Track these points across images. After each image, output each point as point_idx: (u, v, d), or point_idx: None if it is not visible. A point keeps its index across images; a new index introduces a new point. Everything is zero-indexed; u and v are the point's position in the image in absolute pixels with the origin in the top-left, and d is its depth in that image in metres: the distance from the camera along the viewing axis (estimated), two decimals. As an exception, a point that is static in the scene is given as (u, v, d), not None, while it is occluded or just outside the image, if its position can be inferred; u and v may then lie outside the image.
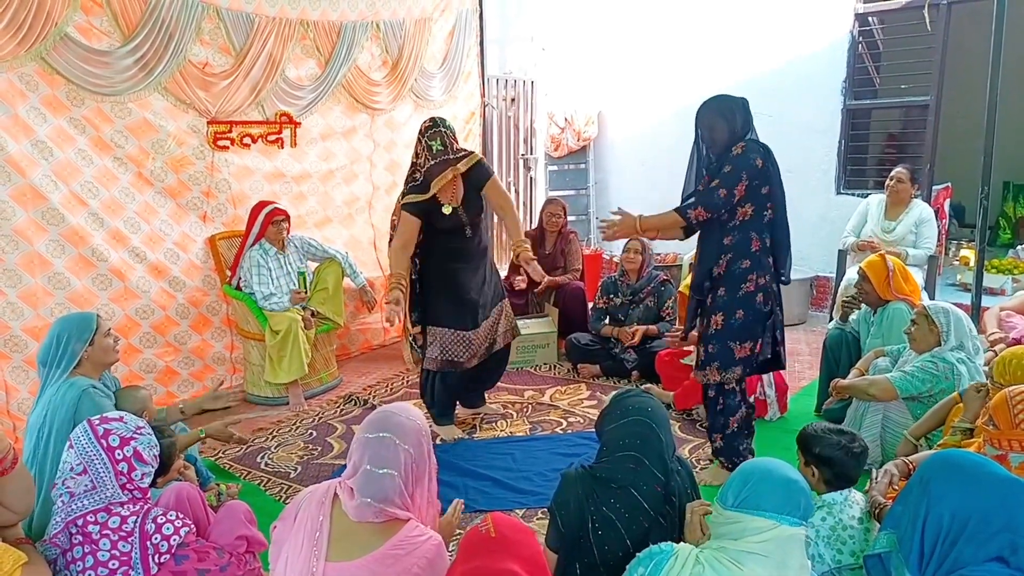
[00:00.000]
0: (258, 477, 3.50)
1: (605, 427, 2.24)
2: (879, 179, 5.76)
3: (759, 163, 2.98)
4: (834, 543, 2.24)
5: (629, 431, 2.15)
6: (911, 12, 5.69)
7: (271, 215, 4.43)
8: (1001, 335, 4.01)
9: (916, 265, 4.75)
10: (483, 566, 1.59)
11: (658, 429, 2.16)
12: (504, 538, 1.65)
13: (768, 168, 3.02)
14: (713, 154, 3.08)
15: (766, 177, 3.01)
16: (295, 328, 4.29)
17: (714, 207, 2.97)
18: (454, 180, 3.57)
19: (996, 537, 1.69)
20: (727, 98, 3.11)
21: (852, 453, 2.36)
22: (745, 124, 3.07)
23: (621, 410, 2.22)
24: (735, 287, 3.03)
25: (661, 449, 2.13)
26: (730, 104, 3.08)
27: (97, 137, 3.93)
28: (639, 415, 2.17)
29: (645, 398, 2.26)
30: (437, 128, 3.56)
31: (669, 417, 2.33)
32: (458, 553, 1.71)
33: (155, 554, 2.03)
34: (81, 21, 3.75)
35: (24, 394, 3.67)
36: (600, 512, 2.08)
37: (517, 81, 7.06)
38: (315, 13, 4.79)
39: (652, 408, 2.21)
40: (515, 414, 4.21)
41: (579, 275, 5.42)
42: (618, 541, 2.06)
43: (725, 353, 3.08)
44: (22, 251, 3.69)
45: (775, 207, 3.06)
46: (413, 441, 1.93)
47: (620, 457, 2.12)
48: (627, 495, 2.08)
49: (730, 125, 3.05)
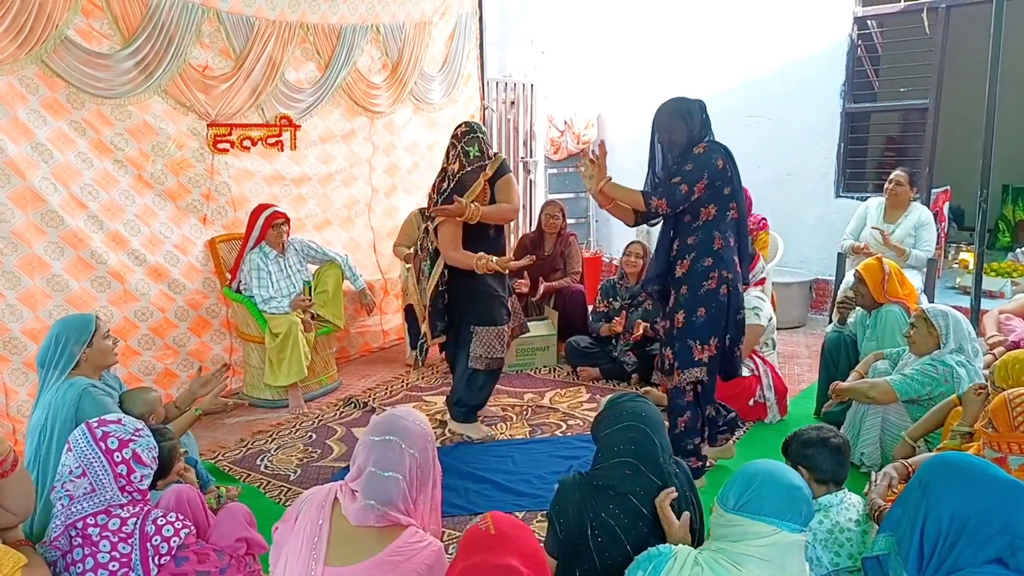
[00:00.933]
0: (258, 479, 3.50)
1: (600, 433, 2.24)
2: (878, 182, 5.78)
3: (720, 163, 3.02)
4: (831, 545, 2.24)
5: (624, 437, 2.15)
6: (910, 15, 5.70)
7: (271, 218, 4.43)
8: (1000, 338, 4.03)
9: (915, 268, 4.76)
10: (483, 562, 1.59)
11: (652, 434, 2.16)
12: (504, 535, 1.65)
13: (729, 169, 3.05)
14: (671, 156, 3.11)
15: (727, 178, 3.05)
16: (295, 331, 4.29)
17: (674, 203, 3.02)
18: (484, 186, 3.60)
19: (995, 539, 1.69)
20: (684, 100, 3.13)
21: (829, 444, 2.36)
22: (704, 125, 3.10)
23: (615, 416, 2.22)
24: (697, 285, 3.08)
25: (656, 453, 2.14)
26: (688, 106, 3.10)
27: (97, 140, 3.93)
28: (633, 420, 2.17)
29: (639, 402, 2.26)
30: (475, 134, 3.62)
31: (664, 420, 2.33)
32: (458, 551, 1.71)
33: (155, 556, 2.03)
34: (81, 24, 3.76)
35: (23, 396, 3.67)
36: (599, 519, 2.08)
37: (517, 84, 7.07)
38: (315, 16, 4.80)
39: (646, 413, 2.21)
40: (515, 417, 4.21)
41: (579, 278, 5.43)
42: (618, 547, 2.06)
43: (685, 353, 3.11)
44: (21, 253, 3.69)
45: (738, 207, 3.11)
46: (419, 446, 1.93)
47: (616, 463, 2.13)
48: (625, 501, 2.08)
49: (688, 127, 3.07)
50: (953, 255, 6.56)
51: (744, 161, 6.55)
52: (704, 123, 3.10)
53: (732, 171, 3.07)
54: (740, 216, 3.15)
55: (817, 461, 2.35)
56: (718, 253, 3.07)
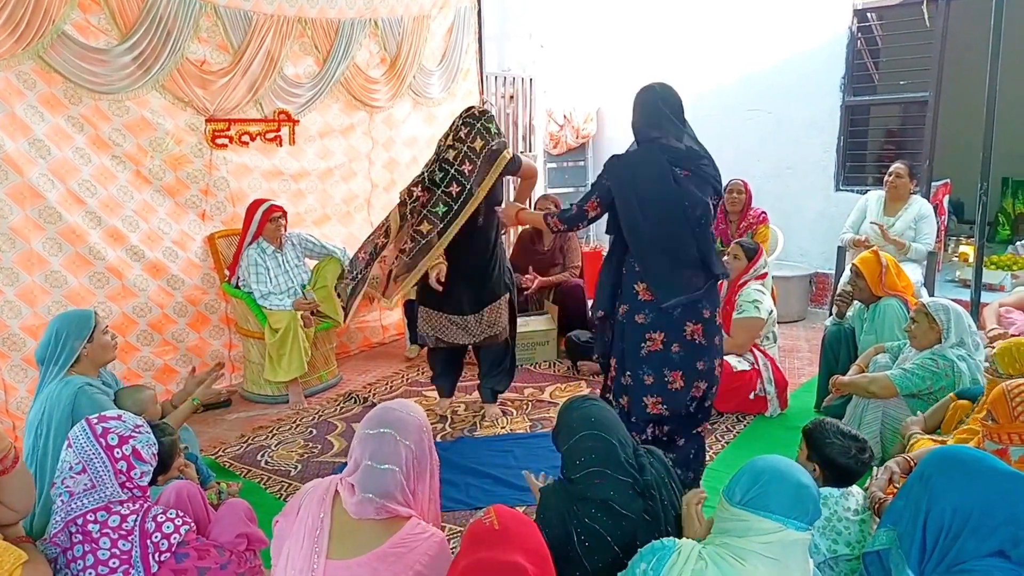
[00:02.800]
0: (258, 475, 3.50)
1: (561, 447, 2.22)
2: (878, 175, 5.77)
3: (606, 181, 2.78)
4: (829, 533, 2.23)
5: (582, 447, 2.13)
6: (910, 8, 5.68)
7: (268, 212, 4.41)
8: (1000, 331, 4.02)
9: (915, 261, 4.76)
10: (487, 558, 1.58)
11: (608, 436, 2.14)
12: (508, 530, 1.64)
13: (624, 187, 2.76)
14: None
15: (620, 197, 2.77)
16: (295, 326, 4.28)
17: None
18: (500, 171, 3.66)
19: (998, 531, 1.69)
20: (653, 89, 2.82)
21: (861, 462, 2.34)
22: (650, 123, 2.76)
23: (568, 427, 2.20)
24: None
25: (617, 454, 2.12)
26: (647, 95, 2.81)
27: (95, 135, 3.92)
28: (586, 429, 2.15)
29: (587, 407, 2.23)
30: (491, 115, 3.71)
31: (616, 415, 2.28)
32: (461, 546, 1.70)
33: (155, 552, 2.03)
34: (79, 19, 3.74)
35: (22, 392, 3.66)
36: (584, 524, 2.07)
37: (516, 78, 7.05)
38: (313, 10, 4.78)
39: (596, 417, 2.18)
40: (515, 412, 4.21)
41: (578, 272, 5.42)
42: (606, 550, 2.05)
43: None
44: (19, 249, 3.67)
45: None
46: (414, 437, 1.92)
47: (584, 475, 2.11)
48: (606, 507, 2.08)
49: (633, 118, 2.81)
50: (953, 248, 6.55)
51: (744, 155, 6.59)
52: (652, 121, 2.75)
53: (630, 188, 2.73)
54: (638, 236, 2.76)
55: (842, 473, 2.33)
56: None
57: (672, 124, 2.75)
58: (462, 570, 1.60)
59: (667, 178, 2.68)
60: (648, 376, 2.79)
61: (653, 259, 2.74)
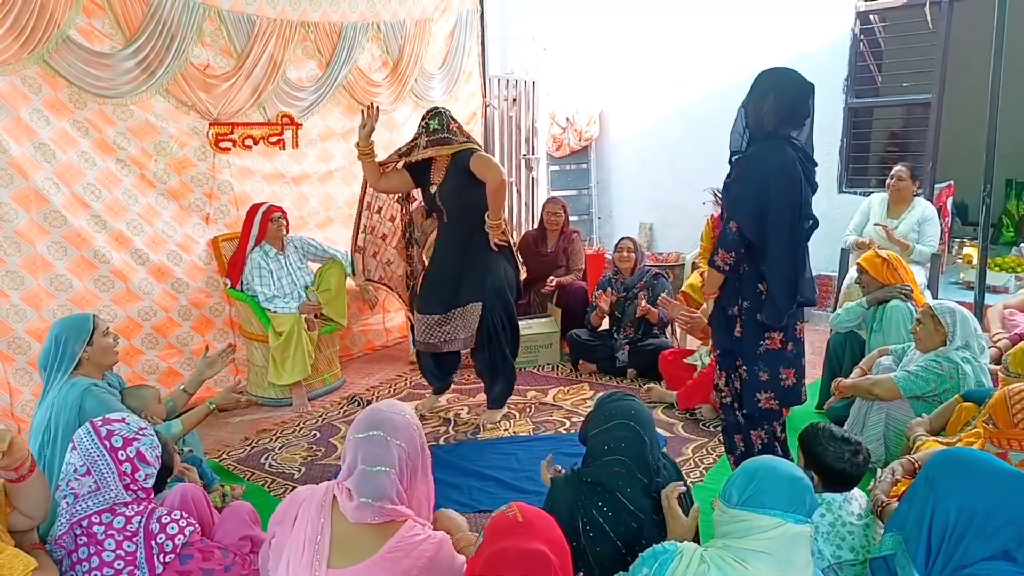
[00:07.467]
0: (262, 478, 3.50)
1: (590, 432, 2.26)
2: (881, 177, 5.75)
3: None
4: (833, 539, 2.23)
5: (613, 436, 2.18)
6: (912, 10, 5.67)
7: (268, 212, 4.43)
8: (1004, 333, 4.01)
9: (919, 263, 4.75)
10: (512, 547, 1.60)
11: (642, 431, 2.19)
12: (530, 522, 1.67)
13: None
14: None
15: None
16: (298, 329, 4.29)
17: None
18: (440, 160, 3.81)
19: (1002, 531, 1.69)
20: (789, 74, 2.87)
21: (856, 465, 2.33)
22: (784, 119, 2.82)
23: (605, 415, 2.25)
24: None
25: (645, 451, 2.16)
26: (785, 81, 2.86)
27: (99, 139, 3.94)
28: (624, 419, 2.20)
29: (628, 401, 2.28)
30: (438, 111, 3.87)
31: (653, 417, 2.36)
32: (484, 537, 1.71)
33: (160, 554, 2.04)
34: (83, 23, 3.76)
35: (28, 396, 3.68)
36: (589, 515, 2.11)
37: (518, 81, 7.05)
38: (316, 14, 4.80)
39: (635, 411, 2.23)
40: (518, 414, 4.21)
41: (582, 274, 5.43)
42: (608, 542, 2.09)
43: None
44: (24, 253, 3.69)
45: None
46: (404, 436, 1.93)
47: (606, 462, 2.16)
48: (613, 498, 2.11)
49: (766, 109, 2.85)
50: (957, 250, 6.53)
51: (747, 157, 6.50)
52: (786, 117, 2.80)
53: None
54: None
55: (839, 478, 2.33)
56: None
57: (801, 122, 2.82)
58: (487, 558, 1.61)
59: (800, 183, 2.69)
60: (764, 373, 2.87)
61: (782, 262, 2.70)
